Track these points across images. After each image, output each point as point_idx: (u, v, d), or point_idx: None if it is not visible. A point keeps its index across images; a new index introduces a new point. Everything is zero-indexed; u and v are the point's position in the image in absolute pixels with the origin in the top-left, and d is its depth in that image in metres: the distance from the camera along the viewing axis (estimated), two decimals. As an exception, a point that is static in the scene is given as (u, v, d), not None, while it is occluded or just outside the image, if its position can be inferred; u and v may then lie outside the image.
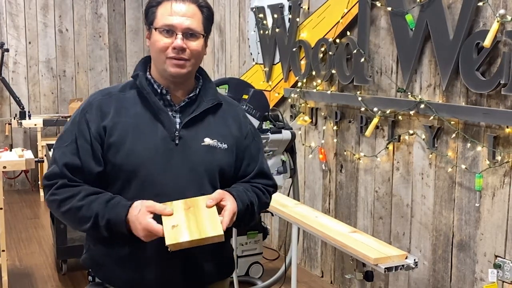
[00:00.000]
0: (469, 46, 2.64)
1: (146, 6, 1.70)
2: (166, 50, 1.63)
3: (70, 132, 1.66)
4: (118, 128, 1.63)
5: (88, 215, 1.57)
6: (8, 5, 6.50)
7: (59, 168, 1.62)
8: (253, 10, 4.60)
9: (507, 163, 2.56)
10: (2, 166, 3.49)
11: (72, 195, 1.60)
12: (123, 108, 1.66)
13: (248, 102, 3.07)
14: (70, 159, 1.62)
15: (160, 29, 1.63)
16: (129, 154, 1.62)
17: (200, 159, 1.67)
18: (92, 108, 1.66)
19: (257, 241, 3.94)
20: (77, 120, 1.66)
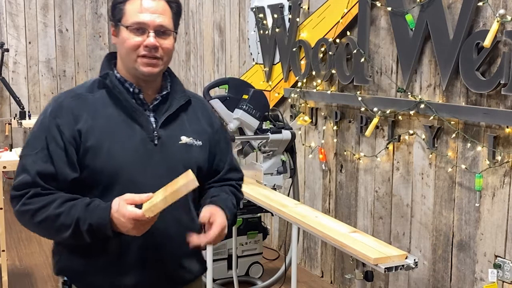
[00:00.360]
0: (469, 46, 2.64)
1: (112, 2, 1.62)
2: (138, 49, 1.57)
3: (39, 138, 1.55)
4: (94, 132, 1.55)
5: (68, 222, 1.48)
6: (8, 5, 6.50)
7: (31, 177, 1.52)
8: (253, 10, 4.60)
9: (507, 163, 2.57)
10: (2, 166, 3.50)
11: (47, 203, 1.50)
12: (96, 110, 1.58)
13: (248, 102, 3.07)
14: (43, 167, 1.52)
15: (131, 27, 1.56)
16: (109, 157, 1.55)
17: (178, 158, 1.64)
18: (62, 111, 1.56)
19: (257, 241, 3.94)
20: (46, 125, 1.55)
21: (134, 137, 1.59)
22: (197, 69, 6.05)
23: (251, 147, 3.13)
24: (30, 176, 1.52)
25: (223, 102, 3.08)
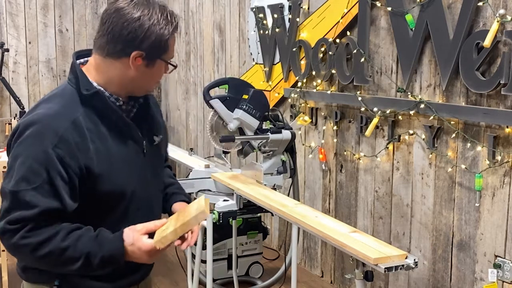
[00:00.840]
0: (469, 46, 2.64)
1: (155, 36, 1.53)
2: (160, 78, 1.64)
3: (37, 171, 1.45)
4: (95, 158, 1.52)
5: (77, 256, 1.46)
6: (8, 5, 6.50)
7: (32, 214, 1.44)
8: (253, 10, 4.60)
9: (507, 163, 2.57)
10: (2, 166, 3.50)
11: (51, 236, 1.46)
12: (90, 133, 1.53)
13: (248, 102, 3.07)
14: (47, 204, 1.46)
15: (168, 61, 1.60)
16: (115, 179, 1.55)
17: (157, 159, 1.72)
18: (63, 142, 1.48)
19: (257, 241, 3.94)
20: (46, 158, 1.46)
21: (130, 153, 1.61)
22: (197, 69, 6.05)
23: (251, 147, 3.13)
24: (31, 212, 1.45)
25: (223, 102, 3.08)
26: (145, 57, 1.55)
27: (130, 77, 1.57)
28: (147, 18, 1.51)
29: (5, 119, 6.48)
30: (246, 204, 2.95)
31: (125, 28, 1.51)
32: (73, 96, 1.57)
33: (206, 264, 3.08)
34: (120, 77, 1.58)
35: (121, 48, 1.53)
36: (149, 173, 1.67)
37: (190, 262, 3.53)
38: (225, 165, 3.42)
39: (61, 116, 1.51)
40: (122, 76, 1.57)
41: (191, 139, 6.35)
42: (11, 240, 1.46)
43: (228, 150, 3.28)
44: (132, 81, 1.58)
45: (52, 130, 1.48)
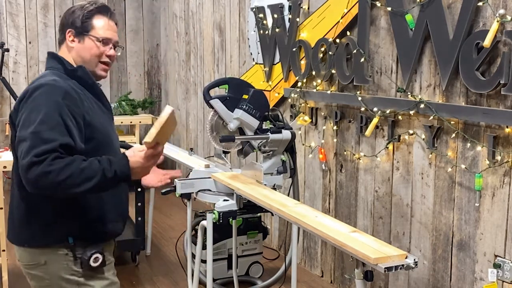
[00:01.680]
0: (469, 46, 2.65)
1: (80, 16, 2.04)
2: (101, 57, 2.06)
3: (52, 116, 1.82)
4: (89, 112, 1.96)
5: (93, 174, 1.78)
6: (8, 5, 6.51)
7: (52, 146, 1.77)
8: (253, 10, 4.60)
9: (507, 163, 2.57)
10: (2, 166, 3.50)
11: (70, 162, 1.78)
12: (81, 95, 1.97)
13: (248, 102, 3.07)
14: (64, 140, 1.81)
15: (101, 39, 2.04)
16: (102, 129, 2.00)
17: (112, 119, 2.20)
18: (68, 97, 1.89)
19: (257, 241, 3.94)
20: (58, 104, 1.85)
21: (103, 111, 2.09)
22: (197, 69, 6.05)
23: (251, 147, 3.13)
24: (52, 145, 1.77)
25: (223, 102, 3.08)
26: (75, 34, 2.04)
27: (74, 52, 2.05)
28: (77, 8, 2.07)
29: (5, 119, 6.48)
30: (246, 204, 2.95)
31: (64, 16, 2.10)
32: (59, 74, 2.00)
33: (206, 264, 3.08)
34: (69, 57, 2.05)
35: (61, 30, 2.07)
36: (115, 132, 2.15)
37: (190, 262, 3.53)
38: (225, 165, 3.42)
39: (60, 82, 1.94)
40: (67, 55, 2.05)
41: (191, 139, 6.35)
42: (38, 169, 1.75)
43: (228, 150, 3.28)
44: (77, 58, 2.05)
45: (58, 87, 1.90)
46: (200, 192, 3.15)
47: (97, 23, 2.05)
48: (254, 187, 2.88)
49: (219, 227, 3.14)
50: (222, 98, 3.08)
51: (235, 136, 3.03)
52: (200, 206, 5.22)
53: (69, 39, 2.04)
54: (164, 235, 5.06)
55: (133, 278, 4.07)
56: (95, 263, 1.93)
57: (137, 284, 3.97)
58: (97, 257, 1.93)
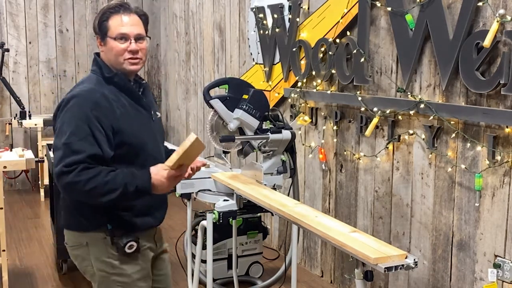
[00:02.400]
0: (469, 46, 2.65)
1: (97, 21, 2.13)
2: (124, 53, 2.11)
3: (81, 127, 2.00)
4: (121, 119, 2.07)
5: (116, 187, 1.96)
6: (8, 5, 6.51)
7: (82, 157, 1.96)
8: (253, 10, 4.61)
9: (507, 163, 2.57)
10: (3, 166, 3.50)
11: (96, 174, 1.96)
12: (116, 102, 2.09)
13: (248, 102, 3.07)
14: (93, 150, 1.99)
15: (117, 37, 2.10)
16: (134, 136, 2.11)
17: (160, 128, 2.37)
18: (98, 107, 2.04)
19: (257, 241, 3.94)
20: (87, 117, 2.01)
21: (143, 118, 2.19)
22: (197, 69, 6.05)
23: (251, 147, 3.13)
24: (81, 156, 1.97)
25: (223, 102, 3.08)
26: (100, 38, 2.15)
27: (104, 55, 2.16)
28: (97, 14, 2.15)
29: (5, 119, 6.48)
30: (246, 204, 2.95)
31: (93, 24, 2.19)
32: (98, 80, 2.14)
33: (206, 264, 3.08)
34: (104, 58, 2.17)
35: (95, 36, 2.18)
36: (158, 135, 2.28)
37: (190, 262, 3.53)
38: (225, 165, 3.42)
39: (94, 91, 2.08)
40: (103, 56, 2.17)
41: (191, 139, 6.34)
42: (67, 179, 1.96)
43: (228, 150, 3.28)
44: (107, 61, 2.15)
45: (89, 99, 2.05)
46: (200, 192, 3.15)
47: (112, 23, 2.11)
48: (254, 187, 2.88)
49: (219, 227, 3.14)
50: (222, 98, 3.08)
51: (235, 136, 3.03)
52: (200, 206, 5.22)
53: (98, 44, 2.18)
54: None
55: (133, 278, 4.06)
56: (129, 249, 2.13)
57: (137, 284, 3.96)
58: (132, 245, 2.13)
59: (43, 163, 5.87)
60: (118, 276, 2.16)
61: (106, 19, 2.11)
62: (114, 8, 2.13)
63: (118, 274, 2.16)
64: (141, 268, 2.20)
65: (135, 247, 2.14)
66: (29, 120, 6.01)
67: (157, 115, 2.30)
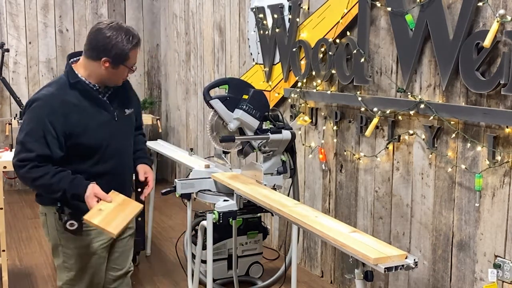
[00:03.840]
0: (469, 46, 2.65)
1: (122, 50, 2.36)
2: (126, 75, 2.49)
3: (36, 130, 2.31)
4: (79, 121, 2.36)
5: (57, 190, 2.33)
6: (8, 5, 6.51)
7: (33, 156, 2.30)
8: (253, 10, 4.61)
9: (507, 163, 2.57)
10: (2, 166, 3.50)
11: (43, 175, 2.32)
12: (75, 106, 2.37)
13: (248, 102, 3.06)
14: (42, 151, 2.31)
15: (131, 67, 2.46)
16: (92, 136, 2.40)
17: (129, 124, 2.61)
18: (53, 112, 2.32)
19: (257, 241, 3.94)
20: (42, 122, 2.31)
21: (103, 119, 2.45)
22: (197, 69, 6.05)
23: (251, 147, 3.13)
24: (32, 155, 2.30)
25: (223, 102, 3.08)
26: (111, 62, 2.38)
27: (101, 74, 2.41)
28: (114, 37, 2.35)
29: (5, 119, 6.48)
30: (246, 204, 2.95)
31: (100, 41, 2.37)
32: (65, 83, 2.41)
33: (206, 264, 3.08)
34: (96, 73, 2.42)
35: (96, 54, 2.38)
36: (120, 133, 2.53)
37: (190, 262, 3.53)
38: (225, 165, 3.42)
39: (54, 97, 2.36)
40: (96, 72, 2.41)
41: (191, 139, 6.35)
42: (19, 172, 2.36)
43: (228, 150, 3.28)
44: (102, 76, 2.42)
45: (47, 105, 2.33)
46: (200, 192, 3.15)
47: (132, 55, 2.42)
48: (254, 187, 2.88)
49: (219, 227, 3.14)
50: (222, 98, 3.08)
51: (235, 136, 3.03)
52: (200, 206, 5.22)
53: (104, 65, 2.38)
54: (164, 235, 5.06)
55: (133, 278, 4.06)
56: (70, 227, 2.42)
57: (137, 284, 3.97)
58: (72, 223, 2.41)
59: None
60: (63, 247, 2.52)
61: (129, 50, 2.39)
62: (138, 43, 2.44)
63: (63, 245, 2.52)
64: (83, 246, 2.51)
65: (76, 226, 2.41)
66: (29, 120, 6.00)
67: (125, 112, 2.55)
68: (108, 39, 2.34)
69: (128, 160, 2.63)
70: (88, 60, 2.40)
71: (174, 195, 3.19)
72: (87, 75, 2.42)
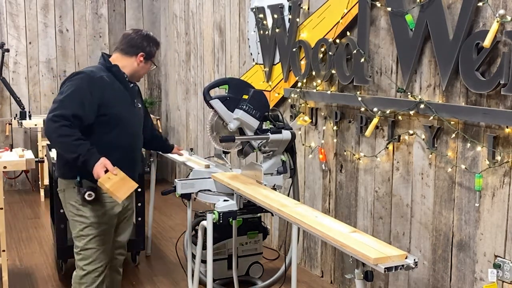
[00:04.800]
0: (469, 46, 2.65)
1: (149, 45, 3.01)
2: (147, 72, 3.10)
3: (76, 95, 2.74)
4: (110, 96, 2.84)
5: (74, 152, 2.69)
6: (8, 5, 6.51)
7: (68, 113, 2.68)
8: (253, 10, 4.61)
9: (507, 163, 2.57)
10: (3, 166, 3.50)
11: (69, 134, 2.69)
12: (110, 84, 2.86)
13: (248, 102, 3.07)
14: (78, 111, 2.72)
15: (155, 64, 3.11)
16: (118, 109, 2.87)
17: (140, 115, 3.11)
18: (93, 84, 2.79)
19: (257, 241, 3.94)
20: (83, 89, 2.76)
21: (127, 100, 2.96)
22: (197, 69, 6.05)
23: (251, 147, 3.13)
24: (68, 112, 2.69)
25: (223, 102, 3.08)
26: (145, 57, 3.02)
27: (135, 67, 3.01)
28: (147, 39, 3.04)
29: (5, 119, 6.48)
30: (246, 204, 2.95)
31: (138, 40, 3.01)
32: (101, 67, 2.93)
33: (206, 264, 3.08)
34: (130, 66, 3.00)
35: (134, 50, 3.00)
36: (137, 118, 3.04)
37: (190, 262, 3.53)
38: (225, 165, 3.42)
39: (94, 73, 2.86)
40: (131, 65, 3.00)
41: (191, 139, 6.35)
42: (50, 126, 2.70)
43: (228, 150, 3.28)
44: (134, 69, 3.00)
45: (88, 78, 2.81)
46: (200, 192, 3.15)
47: (156, 54, 3.09)
48: (254, 187, 2.88)
49: (219, 227, 3.14)
50: (222, 98, 3.08)
51: (235, 136, 3.04)
52: (200, 206, 5.22)
53: (139, 59, 2.99)
54: (164, 235, 5.06)
55: (133, 278, 4.07)
56: (89, 197, 2.78)
57: (137, 284, 3.97)
58: (90, 194, 2.78)
59: (43, 164, 5.87)
60: (80, 217, 2.88)
61: (157, 49, 3.07)
62: (159, 45, 3.12)
63: (79, 215, 2.88)
64: (99, 214, 2.88)
65: (93, 196, 2.79)
66: (29, 121, 6.01)
67: (138, 105, 3.06)
68: (139, 38, 3.01)
69: (140, 142, 3.11)
70: (123, 56, 2.98)
71: (174, 195, 3.20)
72: (122, 67, 2.95)
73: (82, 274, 2.90)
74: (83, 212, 2.86)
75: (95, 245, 2.89)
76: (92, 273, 2.90)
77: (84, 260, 2.89)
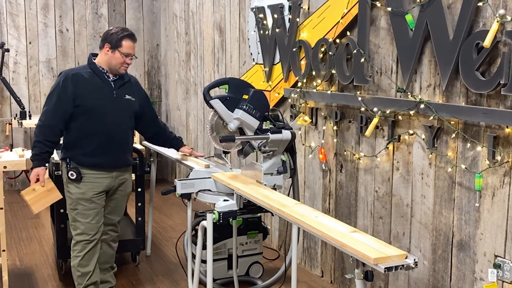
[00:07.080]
0: (469, 46, 2.65)
1: (115, 36, 3.29)
2: (123, 63, 3.32)
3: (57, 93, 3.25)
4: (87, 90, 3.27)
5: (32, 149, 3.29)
6: (8, 5, 6.51)
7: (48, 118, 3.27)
8: (253, 10, 4.61)
9: (507, 163, 2.57)
10: (3, 166, 3.50)
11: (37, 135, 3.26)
12: (88, 80, 3.29)
13: (248, 102, 3.07)
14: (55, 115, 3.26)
15: (125, 54, 3.32)
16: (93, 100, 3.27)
17: (126, 106, 3.40)
18: (68, 80, 3.26)
19: (257, 241, 3.94)
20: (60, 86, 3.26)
21: (104, 94, 3.32)
22: (197, 69, 6.05)
23: (251, 147, 3.13)
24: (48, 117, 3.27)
25: (223, 102, 3.09)
26: (111, 46, 3.30)
27: (105, 58, 3.33)
28: (114, 31, 3.32)
29: (5, 119, 6.48)
30: (246, 204, 2.95)
31: (104, 34, 3.37)
32: (85, 66, 3.38)
33: (206, 264, 3.08)
34: (103, 59, 3.34)
35: (102, 43, 3.34)
36: (118, 107, 3.35)
37: (190, 262, 3.53)
38: (225, 165, 3.42)
39: (71, 71, 3.35)
40: (103, 58, 3.34)
41: (191, 139, 6.35)
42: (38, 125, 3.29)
43: (228, 150, 3.29)
44: (106, 61, 3.33)
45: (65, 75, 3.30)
46: (200, 192, 3.15)
47: (125, 44, 3.31)
48: (254, 187, 2.88)
49: (219, 227, 3.15)
50: (222, 98, 3.08)
51: (235, 136, 3.04)
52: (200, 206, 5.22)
53: (106, 50, 3.30)
54: (164, 235, 5.06)
55: (133, 278, 4.07)
56: (71, 177, 3.28)
57: (137, 284, 3.97)
58: (72, 173, 3.28)
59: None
60: (68, 193, 3.36)
61: (121, 39, 3.29)
62: (130, 35, 3.34)
63: (67, 191, 3.36)
64: (81, 192, 3.31)
65: (75, 176, 3.27)
66: (29, 120, 6.01)
67: (125, 96, 3.37)
68: (109, 31, 3.33)
69: (123, 130, 3.41)
70: (100, 51, 3.36)
71: (174, 195, 3.20)
72: (98, 62, 3.35)
73: (74, 242, 3.37)
74: (69, 189, 3.34)
75: (80, 218, 3.32)
76: (81, 242, 3.34)
77: (74, 230, 3.36)
